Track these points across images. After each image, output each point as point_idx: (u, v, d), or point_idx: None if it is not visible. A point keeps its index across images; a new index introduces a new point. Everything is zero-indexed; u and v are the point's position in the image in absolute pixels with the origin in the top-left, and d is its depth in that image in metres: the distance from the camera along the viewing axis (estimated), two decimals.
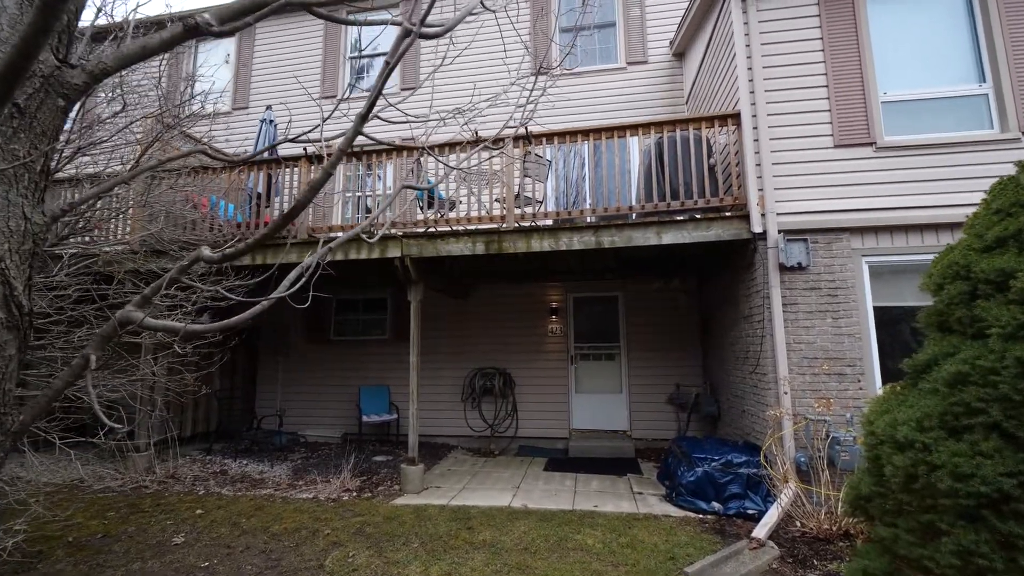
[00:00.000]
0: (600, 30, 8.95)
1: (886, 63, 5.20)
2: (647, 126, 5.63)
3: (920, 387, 2.06)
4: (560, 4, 9.19)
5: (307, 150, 6.22)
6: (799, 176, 5.15)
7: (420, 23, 1.27)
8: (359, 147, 6.34)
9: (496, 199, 6.24)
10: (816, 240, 5.04)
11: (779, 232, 5.03)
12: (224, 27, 1.39)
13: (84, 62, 1.35)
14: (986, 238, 2.06)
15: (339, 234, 5.66)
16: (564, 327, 8.25)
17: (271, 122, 7.89)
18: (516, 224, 5.69)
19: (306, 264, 1.55)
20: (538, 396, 8.11)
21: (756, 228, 5.11)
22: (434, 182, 4.89)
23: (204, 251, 1.32)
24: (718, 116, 5.52)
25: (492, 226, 5.77)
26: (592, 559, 3.81)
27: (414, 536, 4.28)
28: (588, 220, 5.73)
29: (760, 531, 4.02)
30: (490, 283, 8.38)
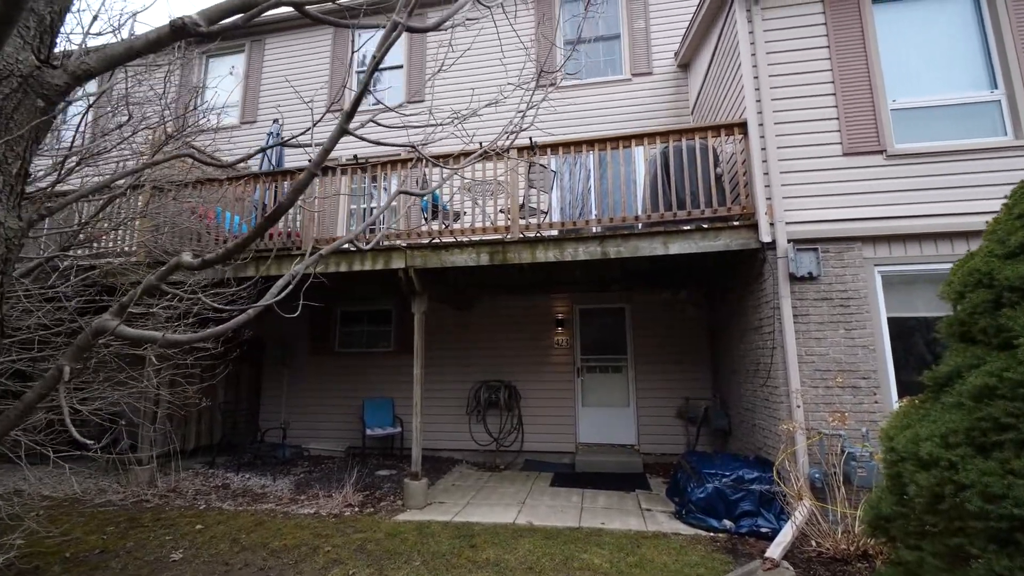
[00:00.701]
0: (605, 42, 8.97)
1: (895, 71, 5.13)
2: (652, 136, 5.58)
3: (943, 400, 1.95)
4: (563, 13, 9.23)
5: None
6: (808, 185, 5.07)
7: (407, 15, 1.23)
8: (364, 159, 6.33)
9: (501, 210, 6.19)
10: (827, 249, 4.93)
11: (788, 241, 4.94)
12: (212, 27, 1.35)
13: (67, 62, 1.32)
14: (1009, 243, 1.97)
15: (344, 245, 5.63)
16: (570, 339, 8.14)
17: (278, 135, 7.96)
18: (521, 235, 5.63)
19: (293, 272, 1.50)
20: (544, 409, 7.98)
21: (765, 237, 5.02)
22: (437, 190, 4.85)
23: (184, 257, 1.28)
24: (724, 125, 5.46)
25: (496, 237, 5.72)
26: None
27: (416, 554, 4.17)
28: (594, 230, 5.66)
29: (774, 551, 3.86)
30: (495, 294, 8.31)
